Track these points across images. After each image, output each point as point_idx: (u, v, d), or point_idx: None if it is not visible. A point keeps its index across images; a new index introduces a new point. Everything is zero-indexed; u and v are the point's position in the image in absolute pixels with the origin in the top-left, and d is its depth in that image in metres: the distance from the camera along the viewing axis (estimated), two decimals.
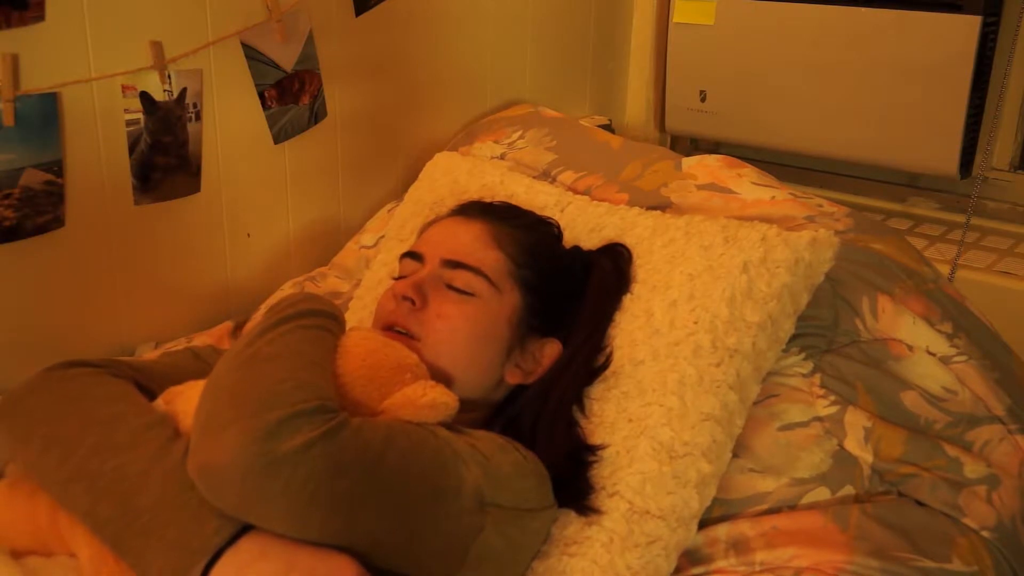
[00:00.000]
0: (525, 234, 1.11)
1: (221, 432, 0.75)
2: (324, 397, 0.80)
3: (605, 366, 1.08)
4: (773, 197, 1.28)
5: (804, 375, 1.10)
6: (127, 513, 0.78)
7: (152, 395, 0.93)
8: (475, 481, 0.86)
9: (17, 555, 0.87)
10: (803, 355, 1.11)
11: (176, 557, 0.75)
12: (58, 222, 1.26)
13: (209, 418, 0.78)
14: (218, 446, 0.75)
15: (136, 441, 0.83)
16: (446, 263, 1.05)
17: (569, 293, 1.12)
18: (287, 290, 1.51)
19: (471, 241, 1.08)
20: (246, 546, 0.76)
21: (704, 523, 1.02)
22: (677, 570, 0.99)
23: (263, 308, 1.43)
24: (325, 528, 0.77)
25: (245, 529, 0.77)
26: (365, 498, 0.78)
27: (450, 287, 1.04)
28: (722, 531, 1.02)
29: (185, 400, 0.89)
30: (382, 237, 1.50)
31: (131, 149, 1.30)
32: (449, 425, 0.92)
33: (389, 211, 1.59)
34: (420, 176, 1.50)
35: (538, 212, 1.21)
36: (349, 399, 0.88)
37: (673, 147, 2.13)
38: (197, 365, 1.05)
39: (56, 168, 1.23)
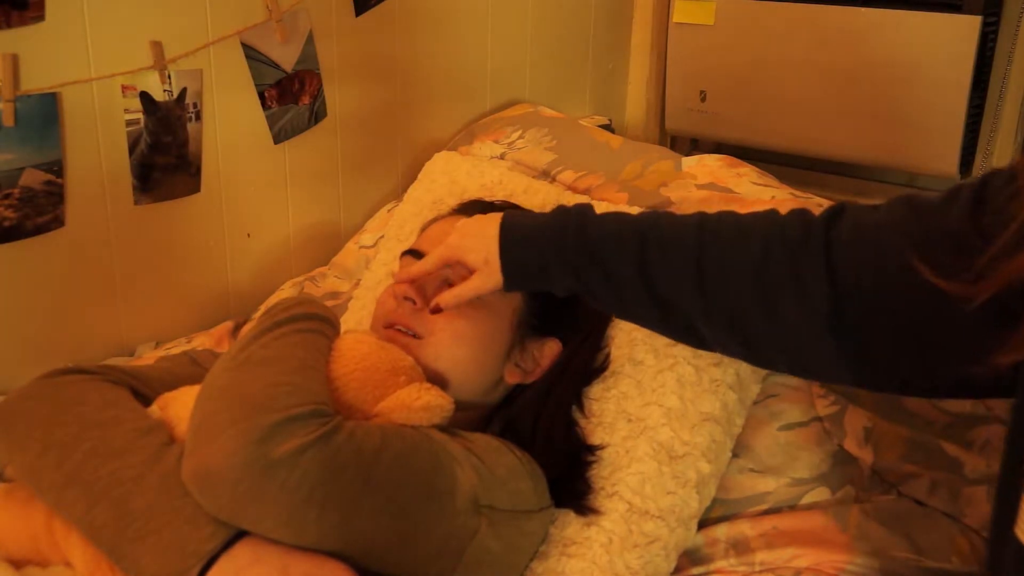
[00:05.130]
0: None
1: (216, 436, 0.75)
2: (319, 401, 0.80)
3: (604, 366, 1.08)
4: (773, 197, 1.28)
5: None
6: (122, 518, 0.78)
7: (148, 400, 0.92)
8: (470, 483, 0.86)
9: (13, 563, 0.87)
10: None
11: (171, 562, 0.75)
12: (58, 222, 1.26)
13: (204, 422, 0.78)
14: (213, 450, 0.75)
15: (132, 446, 0.83)
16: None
17: None
18: (287, 290, 1.51)
19: None
20: (240, 551, 0.76)
21: (704, 523, 1.03)
22: (677, 570, 1.00)
23: (263, 308, 1.43)
24: (320, 532, 0.77)
25: (239, 534, 0.76)
26: (360, 502, 0.78)
27: (451, 286, 1.04)
28: (722, 531, 1.02)
29: (180, 406, 0.89)
30: (382, 237, 1.50)
31: (131, 149, 1.30)
32: (444, 428, 0.92)
33: (389, 211, 1.59)
34: (420, 176, 1.50)
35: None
36: (343, 402, 0.88)
37: (673, 147, 2.13)
38: (194, 370, 1.04)
39: (56, 168, 1.23)
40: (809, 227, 0.81)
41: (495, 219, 0.96)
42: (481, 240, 0.95)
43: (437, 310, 0.99)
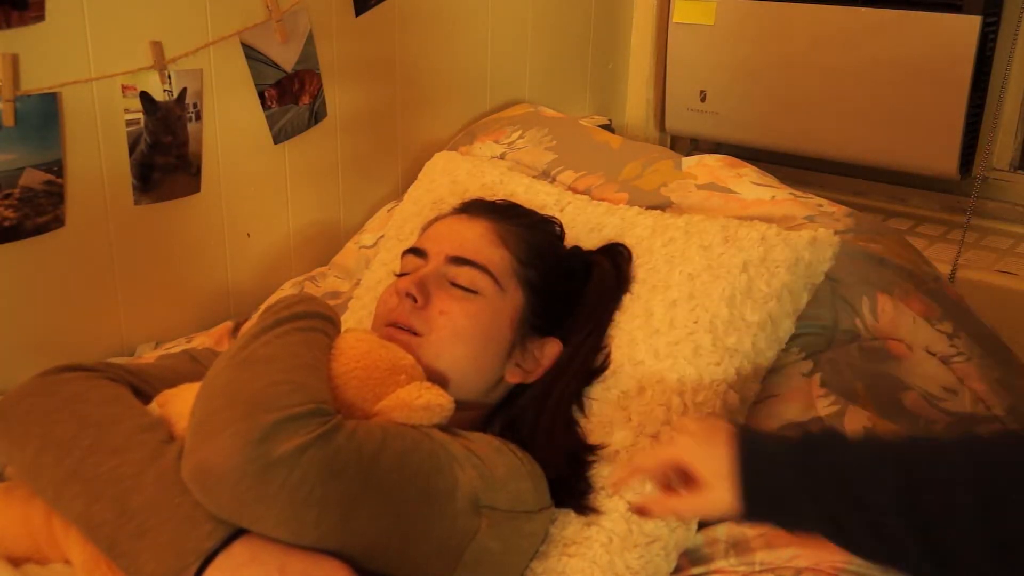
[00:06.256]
0: (529, 233, 1.11)
1: (216, 435, 0.75)
2: (319, 400, 0.80)
3: (605, 366, 1.08)
4: (773, 197, 1.28)
5: (804, 375, 1.10)
6: (121, 515, 0.78)
7: (148, 398, 0.92)
8: (470, 483, 0.86)
9: (13, 561, 0.87)
10: (803, 355, 1.11)
11: (169, 559, 0.75)
12: (58, 222, 1.26)
13: (204, 420, 0.78)
14: (213, 449, 0.75)
15: (131, 443, 0.83)
16: (451, 260, 1.05)
17: (570, 293, 1.12)
18: (287, 290, 1.51)
19: (476, 239, 1.07)
20: (238, 550, 0.76)
21: (704, 523, 1.02)
22: (677, 570, 0.99)
23: (262, 308, 1.43)
24: (319, 531, 0.77)
25: (238, 533, 0.76)
26: (359, 501, 0.78)
27: (454, 284, 1.04)
28: (722, 531, 1.02)
29: (180, 403, 0.88)
30: (382, 237, 1.50)
31: (131, 149, 1.30)
32: (444, 427, 0.92)
33: (389, 211, 1.59)
34: (420, 176, 1.50)
35: (538, 211, 1.21)
36: (343, 401, 0.87)
37: (673, 147, 2.13)
38: (194, 368, 1.04)
39: (56, 168, 1.23)
40: None
41: (726, 429, 0.84)
42: (714, 449, 0.83)
43: (641, 512, 0.91)
